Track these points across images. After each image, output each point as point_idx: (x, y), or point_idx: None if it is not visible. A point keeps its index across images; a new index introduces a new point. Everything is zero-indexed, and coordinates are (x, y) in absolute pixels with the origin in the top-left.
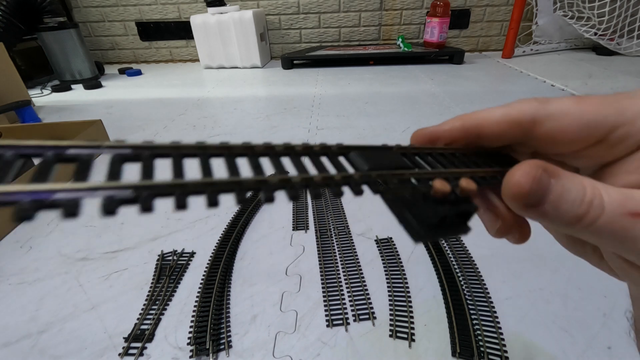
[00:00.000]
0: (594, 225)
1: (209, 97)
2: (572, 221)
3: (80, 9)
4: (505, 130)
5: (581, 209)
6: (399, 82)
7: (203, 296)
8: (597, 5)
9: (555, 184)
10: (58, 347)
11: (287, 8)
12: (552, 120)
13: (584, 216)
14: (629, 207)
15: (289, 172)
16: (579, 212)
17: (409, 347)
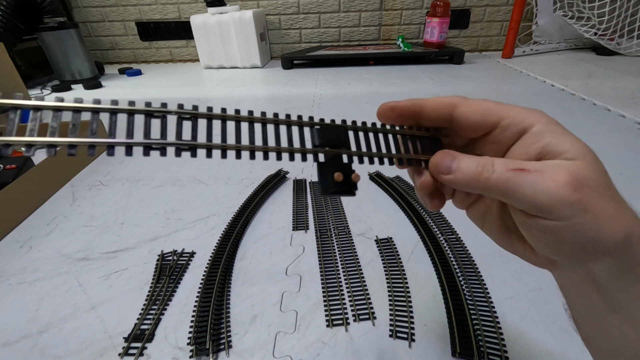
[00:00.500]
0: (490, 180)
1: (209, 97)
2: (472, 180)
3: (80, 9)
4: (438, 107)
5: (476, 170)
6: (399, 82)
7: (203, 296)
8: (597, 5)
9: (456, 160)
10: (58, 347)
11: (287, 8)
12: (464, 106)
13: (480, 175)
14: (512, 165)
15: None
16: (475, 172)
17: (409, 347)
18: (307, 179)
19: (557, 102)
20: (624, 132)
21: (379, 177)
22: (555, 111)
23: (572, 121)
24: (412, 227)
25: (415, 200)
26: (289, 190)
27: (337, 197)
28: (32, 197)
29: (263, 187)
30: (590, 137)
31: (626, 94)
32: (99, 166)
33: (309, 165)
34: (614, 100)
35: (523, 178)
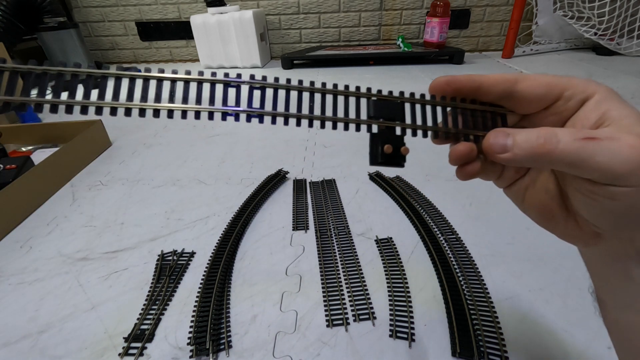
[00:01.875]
0: (555, 152)
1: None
2: (534, 153)
3: (80, 9)
4: (498, 83)
5: (537, 142)
6: (399, 82)
7: (203, 296)
8: (597, 5)
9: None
10: (58, 347)
11: (287, 8)
12: (526, 81)
13: (543, 147)
14: (580, 134)
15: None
16: (537, 145)
17: (409, 347)
18: (307, 179)
19: None
20: None
21: (379, 177)
22: None
23: None
24: (412, 227)
25: (415, 200)
26: (289, 190)
27: (382, 167)
28: (32, 197)
29: (263, 187)
30: None
31: (626, 94)
32: (99, 166)
33: (309, 165)
34: None
35: (595, 146)
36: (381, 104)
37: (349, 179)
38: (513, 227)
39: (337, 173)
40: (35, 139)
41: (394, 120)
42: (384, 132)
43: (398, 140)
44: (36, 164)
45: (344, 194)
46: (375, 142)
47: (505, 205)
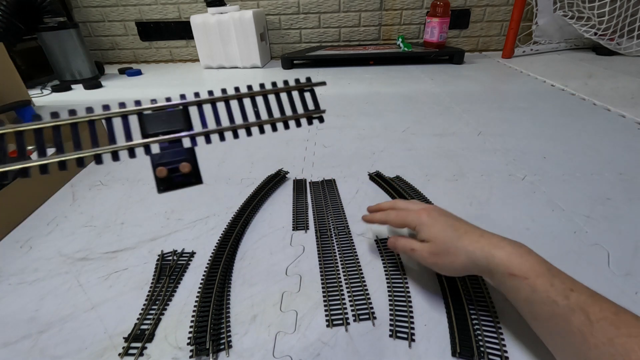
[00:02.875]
0: (406, 254)
1: None
2: (407, 253)
3: (80, 9)
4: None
5: (406, 249)
6: (399, 82)
7: (203, 296)
8: (597, 5)
9: (398, 242)
10: (58, 347)
11: (287, 8)
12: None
13: (410, 251)
14: (409, 247)
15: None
16: (407, 250)
17: (409, 347)
18: (307, 178)
19: (557, 102)
20: (624, 132)
21: (379, 177)
22: (555, 111)
23: (572, 121)
24: None
25: None
26: (289, 190)
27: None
28: (32, 197)
29: (263, 187)
30: (591, 137)
31: (626, 94)
32: (99, 166)
33: (309, 165)
34: (614, 100)
35: (413, 254)
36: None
37: (349, 178)
38: (513, 227)
39: (337, 173)
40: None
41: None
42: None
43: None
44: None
45: (344, 194)
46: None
47: (505, 205)
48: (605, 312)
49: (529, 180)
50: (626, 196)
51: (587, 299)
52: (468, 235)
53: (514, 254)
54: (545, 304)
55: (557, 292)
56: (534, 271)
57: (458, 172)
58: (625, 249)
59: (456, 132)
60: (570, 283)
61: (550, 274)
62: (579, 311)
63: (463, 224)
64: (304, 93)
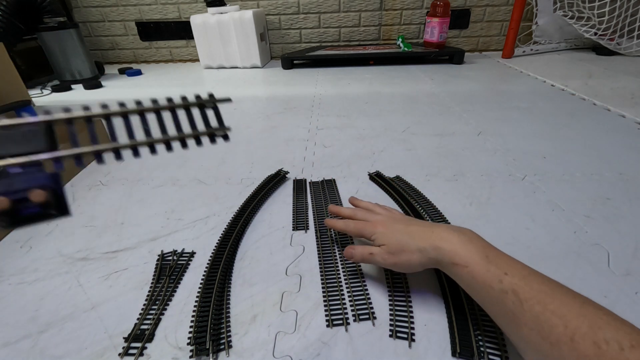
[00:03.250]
0: (365, 260)
1: None
2: (366, 258)
3: (80, 9)
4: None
5: (365, 254)
6: (399, 82)
7: (203, 296)
8: (597, 5)
9: (355, 250)
10: (58, 347)
11: (287, 8)
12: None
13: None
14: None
15: None
16: (366, 254)
17: (409, 348)
18: (307, 178)
19: (557, 102)
20: (624, 132)
21: (379, 177)
22: (555, 111)
23: (572, 121)
24: None
25: (415, 200)
26: (289, 190)
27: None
28: None
29: (263, 187)
30: (591, 137)
31: (626, 94)
32: (99, 166)
33: (309, 165)
34: (614, 100)
35: (371, 257)
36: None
37: (349, 178)
38: (513, 227)
39: (337, 173)
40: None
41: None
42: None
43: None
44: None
45: (344, 194)
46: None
47: (505, 205)
48: (534, 291)
49: (529, 180)
50: (626, 196)
51: (519, 281)
52: (419, 233)
53: (457, 244)
54: (483, 288)
55: (492, 277)
56: (473, 259)
57: (458, 172)
58: (625, 249)
59: (456, 132)
60: (506, 267)
61: (488, 260)
62: (511, 293)
63: (415, 225)
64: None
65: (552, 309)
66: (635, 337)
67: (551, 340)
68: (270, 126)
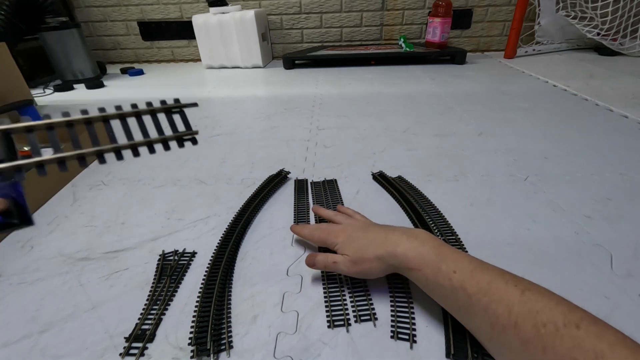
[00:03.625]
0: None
1: (210, 96)
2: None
3: (82, 9)
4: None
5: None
6: (400, 82)
7: (204, 296)
8: (600, 6)
9: (317, 258)
10: (59, 347)
11: (288, 8)
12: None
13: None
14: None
15: None
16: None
17: (411, 349)
18: (309, 179)
19: (559, 102)
20: (627, 132)
21: (382, 177)
22: (557, 112)
23: (575, 122)
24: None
25: (416, 201)
26: (290, 190)
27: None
28: (33, 197)
29: (264, 187)
30: (593, 138)
31: (628, 95)
32: (100, 166)
33: (310, 165)
34: (617, 101)
35: (334, 266)
36: None
37: (350, 179)
38: (513, 227)
39: (337, 173)
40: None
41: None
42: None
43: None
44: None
45: (345, 194)
46: None
47: (506, 206)
48: (481, 284)
49: (530, 180)
50: (628, 197)
51: (466, 277)
52: (376, 241)
53: (409, 248)
54: (437, 288)
55: (442, 276)
56: (424, 262)
57: (459, 172)
58: (627, 249)
59: (457, 133)
60: (454, 265)
61: (438, 260)
62: (460, 289)
63: (372, 232)
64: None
65: (497, 299)
66: (568, 317)
67: (498, 328)
68: (271, 126)
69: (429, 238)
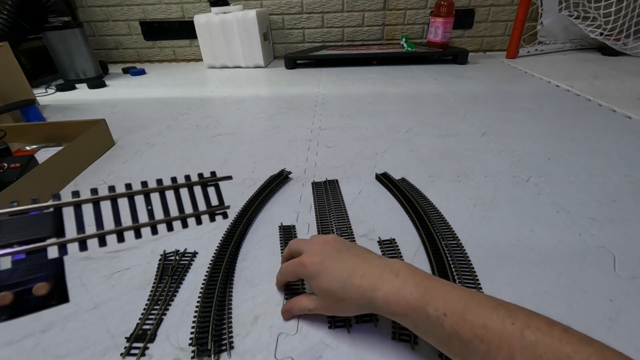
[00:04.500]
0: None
1: (212, 96)
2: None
3: (84, 9)
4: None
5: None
6: (402, 82)
7: (205, 297)
8: (603, 5)
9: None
10: (60, 347)
11: (290, 8)
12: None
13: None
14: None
15: None
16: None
17: (412, 349)
18: (310, 179)
19: (562, 103)
20: (630, 133)
21: (385, 177)
22: (560, 112)
23: (578, 122)
24: (415, 228)
25: (418, 203)
26: (292, 190)
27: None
28: (35, 196)
29: (266, 187)
30: (596, 139)
31: (632, 95)
32: (102, 165)
33: (312, 165)
34: (620, 101)
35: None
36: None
37: (352, 179)
38: (517, 229)
39: (339, 173)
40: (39, 138)
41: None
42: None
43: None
44: (40, 163)
45: (347, 194)
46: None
47: (509, 207)
48: (475, 329)
49: (534, 181)
50: (632, 198)
51: (459, 320)
52: (352, 279)
53: (390, 293)
54: (428, 334)
55: (433, 322)
56: (410, 307)
57: (462, 173)
58: (631, 252)
59: (460, 133)
60: (443, 305)
61: (424, 301)
62: (454, 336)
63: (348, 261)
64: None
65: (496, 346)
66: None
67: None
68: (273, 126)
69: (410, 273)
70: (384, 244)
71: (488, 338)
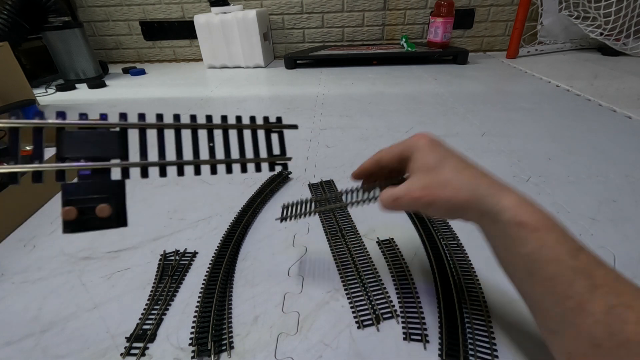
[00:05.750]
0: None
1: (212, 96)
2: (390, 205)
3: (84, 9)
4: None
5: (388, 201)
6: (402, 82)
7: (205, 296)
8: (603, 5)
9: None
10: (60, 347)
11: (290, 8)
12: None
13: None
14: (391, 198)
15: None
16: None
17: (412, 350)
18: (310, 179)
19: (562, 103)
20: (631, 133)
21: None
22: (561, 112)
23: (578, 122)
24: (415, 229)
25: None
26: (292, 190)
27: None
28: (36, 195)
29: (266, 187)
30: (596, 139)
31: (632, 95)
32: None
33: (312, 165)
34: (620, 101)
35: (396, 204)
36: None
37: None
38: None
39: (339, 173)
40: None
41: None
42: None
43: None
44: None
45: None
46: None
47: None
48: (608, 277)
49: (534, 181)
50: (632, 198)
51: (593, 261)
52: (470, 169)
53: (523, 202)
54: (551, 262)
55: (566, 250)
56: (545, 224)
57: None
58: (632, 252)
59: (460, 133)
60: (579, 242)
61: (560, 229)
62: (584, 274)
63: (464, 157)
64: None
65: (626, 302)
66: None
67: (619, 339)
68: None
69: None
70: (382, 244)
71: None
